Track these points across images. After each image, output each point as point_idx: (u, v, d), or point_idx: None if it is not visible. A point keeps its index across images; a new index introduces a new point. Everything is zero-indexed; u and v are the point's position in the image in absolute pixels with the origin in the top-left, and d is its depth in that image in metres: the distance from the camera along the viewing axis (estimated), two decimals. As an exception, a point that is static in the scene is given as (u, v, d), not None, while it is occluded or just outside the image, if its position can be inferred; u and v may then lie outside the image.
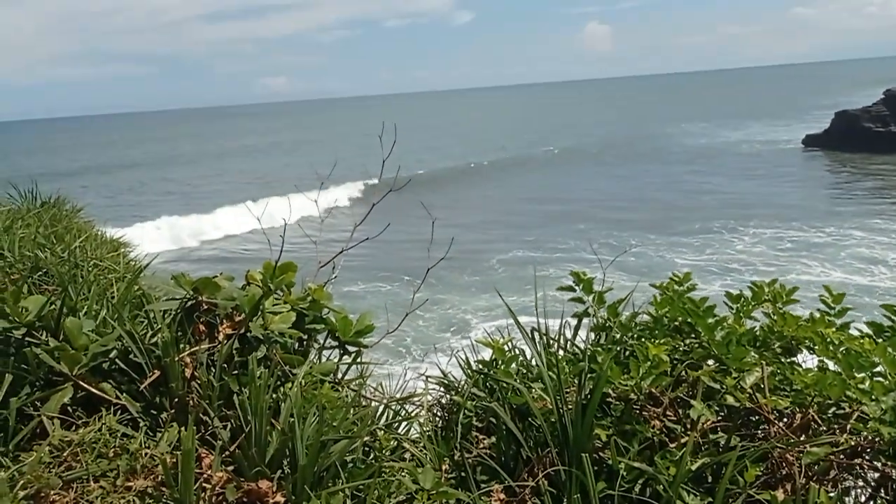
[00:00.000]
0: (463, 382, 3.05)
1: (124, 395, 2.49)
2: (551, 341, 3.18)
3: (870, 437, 2.08)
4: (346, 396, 2.98)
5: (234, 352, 2.61)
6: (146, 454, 2.18)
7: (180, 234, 36.95)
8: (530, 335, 3.07)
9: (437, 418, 3.02)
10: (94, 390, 2.47)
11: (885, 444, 2.06)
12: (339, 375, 3.14)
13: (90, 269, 4.30)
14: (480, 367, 2.93)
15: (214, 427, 2.34)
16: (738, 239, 33.13)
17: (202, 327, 2.65)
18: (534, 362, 2.83)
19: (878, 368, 2.27)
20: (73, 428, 2.35)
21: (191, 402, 2.43)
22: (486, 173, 56.65)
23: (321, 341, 3.17)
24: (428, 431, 2.82)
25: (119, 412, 2.42)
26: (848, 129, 62.16)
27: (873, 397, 2.09)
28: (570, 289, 3.22)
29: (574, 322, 3.20)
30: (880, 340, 2.49)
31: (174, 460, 2.11)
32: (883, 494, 2.12)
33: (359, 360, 3.21)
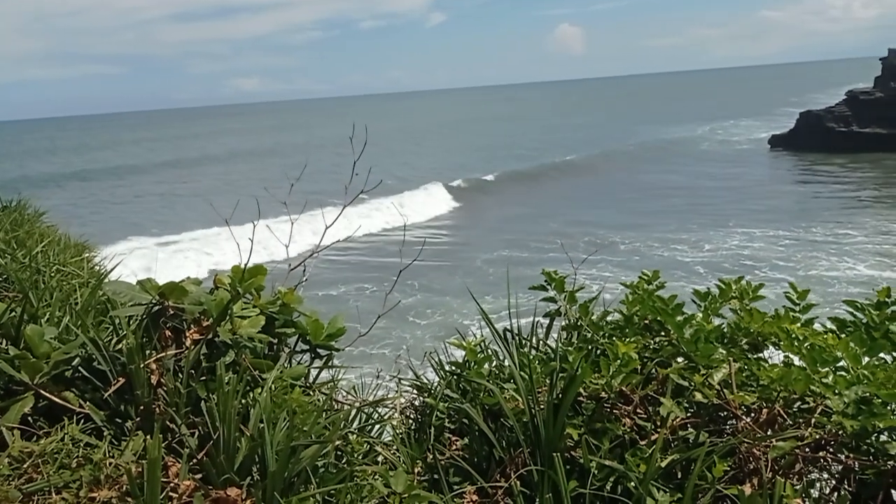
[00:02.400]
0: (436, 384, 3.04)
1: (88, 403, 2.43)
2: (524, 341, 3.19)
3: (833, 431, 2.12)
4: (318, 401, 2.95)
5: (202, 357, 2.56)
6: (111, 464, 2.12)
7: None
8: (503, 336, 3.08)
9: (411, 421, 3.00)
10: (56, 399, 2.41)
11: (847, 436, 2.10)
12: (311, 380, 3.11)
13: (52, 274, 4.20)
14: (453, 368, 2.93)
15: (182, 434, 2.29)
16: (727, 236, 33.85)
17: (169, 333, 2.60)
18: (506, 363, 2.83)
19: (841, 363, 2.32)
20: (35, 438, 2.29)
21: (157, 409, 2.38)
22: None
23: (292, 345, 3.13)
24: (401, 434, 2.80)
25: (82, 421, 2.36)
26: (812, 128, 63.67)
27: (836, 391, 2.13)
28: (542, 288, 3.23)
29: (547, 322, 3.22)
30: (843, 336, 2.54)
31: (140, 469, 2.06)
32: (846, 486, 2.16)
33: (330, 363, 3.18)
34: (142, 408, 2.39)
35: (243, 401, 2.45)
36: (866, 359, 2.33)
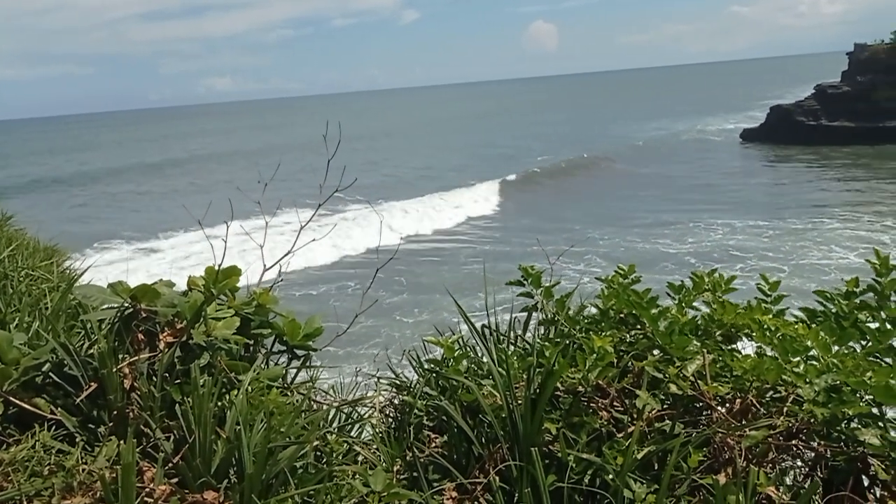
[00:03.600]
0: (415, 382, 3.04)
1: (59, 409, 2.38)
2: (502, 337, 3.20)
3: (805, 419, 2.16)
4: (296, 401, 2.93)
5: (176, 360, 2.53)
6: (84, 470, 2.09)
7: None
8: (481, 332, 3.08)
9: (390, 419, 3.00)
10: (26, 406, 2.36)
11: (818, 424, 2.14)
12: (289, 381, 3.09)
13: (21, 279, 4.11)
14: (431, 366, 2.93)
15: (156, 439, 2.26)
16: (708, 228, 34.34)
17: (141, 336, 2.56)
18: (485, 359, 2.84)
19: (812, 353, 2.36)
20: (4, 447, 2.24)
21: (131, 413, 2.34)
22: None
23: (269, 346, 3.10)
24: (380, 433, 2.79)
25: (54, 428, 2.32)
26: (782, 122, 64.78)
27: (807, 380, 2.17)
28: (519, 283, 3.24)
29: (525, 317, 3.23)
30: (814, 325, 2.59)
31: (114, 475, 2.03)
32: (818, 473, 2.20)
33: (309, 363, 3.16)
34: (115, 413, 2.35)
35: (219, 403, 2.42)
36: (836, 348, 2.38)
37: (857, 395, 2.13)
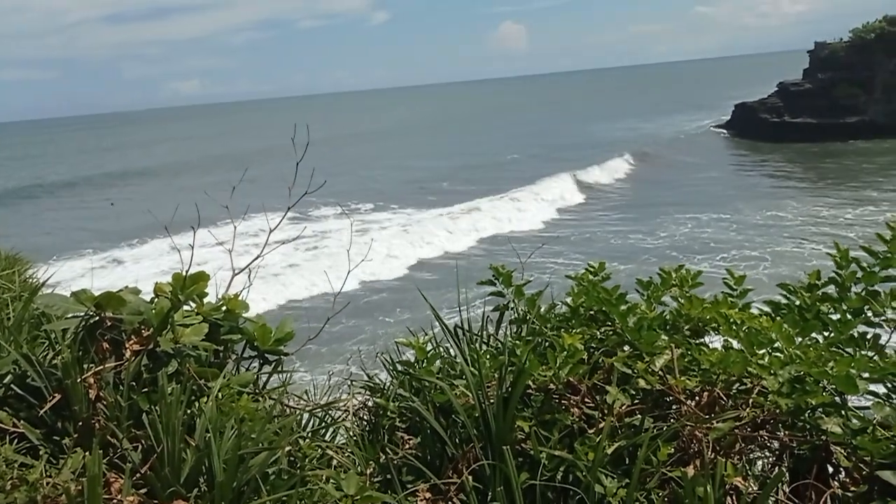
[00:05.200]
0: (389, 384, 3.03)
1: (22, 422, 2.33)
2: (474, 337, 3.21)
3: (770, 410, 2.20)
4: (268, 407, 2.90)
5: (143, 369, 2.48)
6: (48, 483, 2.04)
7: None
8: (454, 332, 3.09)
9: (364, 422, 2.98)
10: (-13, 420, 2.30)
11: (783, 414, 2.19)
12: (261, 386, 3.06)
13: (-19, 289, 4.00)
14: (403, 367, 2.92)
15: (124, 449, 2.22)
16: (676, 223, 34.89)
17: (107, 345, 2.51)
18: (458, 359, 2.84)
19: (777, 345, 2.41)
20: (-35, 462, 2.18)
21: (97, 424, 2.30)
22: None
23: (239, 352, 3.07)
24: (354, 436, 2.78)
25: (17, 441, 2.26)
26: (747, 119, 66.10)
27: (772, 372, 2.22)
28: (490, 283, 3.26)
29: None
30: (778, 318, 2.64)
31: (80, 488, 1.99)
32: (784, 462, 2.25)
33: (280, 368, 3.13)
34: (80, 424, 2.31)
35: (188, 411, 2.39)
36: (799, 339, 2.43)
37: (820, 385, 2.18)
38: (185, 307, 2.86)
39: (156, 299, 2.82)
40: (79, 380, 2.32)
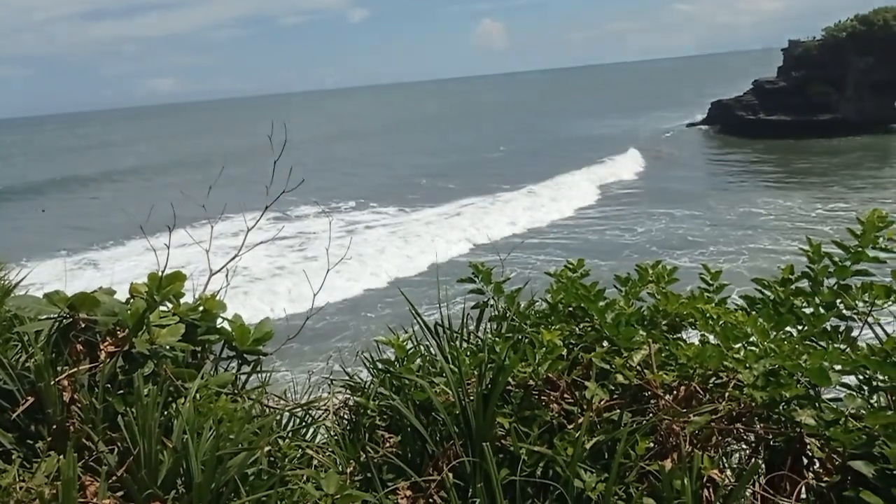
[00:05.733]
0: (369, 383, 3.02)
1: (-6, 426, 2.29)
2: (455, 335, 3.21)
3: (746, 403, 2.23)
4: (247, 407, 2.88)
5: (119, 370, 2.45)
6: (21, 488, 2.01)
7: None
8: (434, 330, 3.09)
9: (345, 421, 2.97)
10: (-43, 424, 2.25)
11: (759, 407, 2.22)
12: (240, 386, 3.03)
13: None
14: (384, 366, 2.92)
15: (99, 452, 2.19)
16: (651, 218, 35.32)
17: (81, 347, 2.48)
18: (438, 357, 2.84)
19: (752, 339, 2.44)
20: (-65, 468, 2.13)
21: (71, 427, 2.26)
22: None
23: (217, 352, 3.04)
24: (335, 435, 2.77)
25: (-11, 446, 2.22)
26: (723, 116, 66.93)
27: (747, 365, 2.25)
28: (470, 280, 3.26)
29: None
30: (753, 312, 2.68)
31: (54, 491, 1.96)
32: (760, 454, 2.28)
33: (259, 368, 3.11)
34: (54, 427, 2.27)
35: (165, 412, 2.36)
36: (774, 333, 2.46)
37: (794, 377, 2.22)
38: (162, 308, 2.83)
39: (131, 300, 2.79)
40: (52, 382, 2.28)
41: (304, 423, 2.97)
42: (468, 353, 2.72)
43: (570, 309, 2.90)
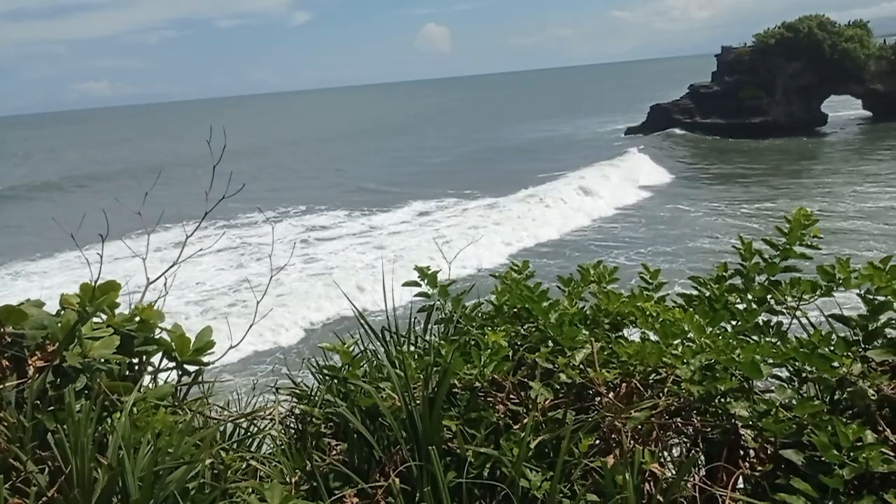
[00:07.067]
0: (316, 390, 2.98)
1: (-89, 450, 2.15)
2: (401, 339, 3.20)
3: (684, 397, 2.30)
4: (189, 419, 2.80)
5: (49, 386, 2.34)
6: (-58, 514, 1.90)
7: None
8: (381, 334, 3.07)
9: (291, 430, 2.92)
10: None
11: (696, 401, 2.29)
12: (180, 398, 2.94)
13: None
14: (330, 372, 2.88)
15: (28, 472, 2.09)
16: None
17: (7, 363, 2.36)
18: (385, 361, 2.83)
19: (690, 335, 2.52)
20: None
21: (-3, 448, 2.15)
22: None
23: (156, 364, 2.94)
24: (282, 444, 2.72)
25: None
26: (661, 120, 69.05)
27: (684, 361, 2.32)
28: (416, 283, 3.26)
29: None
30: (690, 309, 2.77)
31: (-22, 517, 1.86)
32: (699, 446, 2.36)
33: (200, 378, 3.02)
34: (-22, 448, 2.15)
35: (100, 428, 2.27)
36: (709, 329, 2.55)
37: (728, 371, 2.30)
38: (96, 319, 2.72)
39: (62, 312, 2.67)
40: (-25, 401, 2.17)
41: (248, 434, 2.91)
42: (414, 357, 2.71)
43: (515, 310, 2.94)
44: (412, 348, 3.08)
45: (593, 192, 41.49)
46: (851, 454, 1.96)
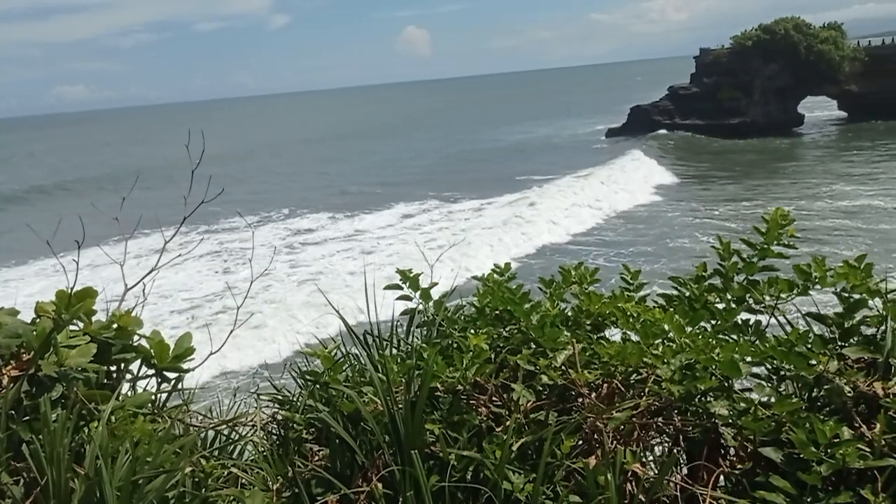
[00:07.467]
0: (297, 395, 2.96)
1: None
2: (384, 342, 3.19)
3: (665, 397, 2.32)
4: (168, 427, 2.76)
5: (24, 395, 2.31)
6: (-87, 529, 1.86)
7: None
8: (363, 339, 3.05)
9: (273, 436, 2.90)
10: None
11: (677, 401, 2.31)
12: (160, 406, 2.91)
13: None
14: (311, 377, 2.86)
15: (3, 483, 2.05)
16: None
17: (-20, 372, 2.32)
18: (367, 366, 2.81)
19: (670, 335, 2.54)
20: None
21: (-30, 459, 2.11)
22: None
23: (135, 372, 2.90)
24: (263, 451, 2.70)
25: None
26: (641, 121, 69.71)
27: (665, 361, 2.33)
28: (397, 287, 3.25)
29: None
30: (670, 309, 2.79)
31: (-49, 531, 1.82)
32: (680, 446, 2.37)
33: (180, 385, 2.99)
34: (-49, 460, 2.11)
35: (76, 437, 2.24)
36: (689, 329, 2.57)
37: (708, 370, 2.32)
38: (72, 327, 2.68)
39: (37, 320, 2.63)
40: (-52, 412, 2.12)
41: (230, 441, 2.88)
42: (397, 361, 2.70)
43: (497, 312, 2.94)
44: (395, 352, 3.06)
45: (576, 193, 41.79)
46: (829, 451, 1.98)
